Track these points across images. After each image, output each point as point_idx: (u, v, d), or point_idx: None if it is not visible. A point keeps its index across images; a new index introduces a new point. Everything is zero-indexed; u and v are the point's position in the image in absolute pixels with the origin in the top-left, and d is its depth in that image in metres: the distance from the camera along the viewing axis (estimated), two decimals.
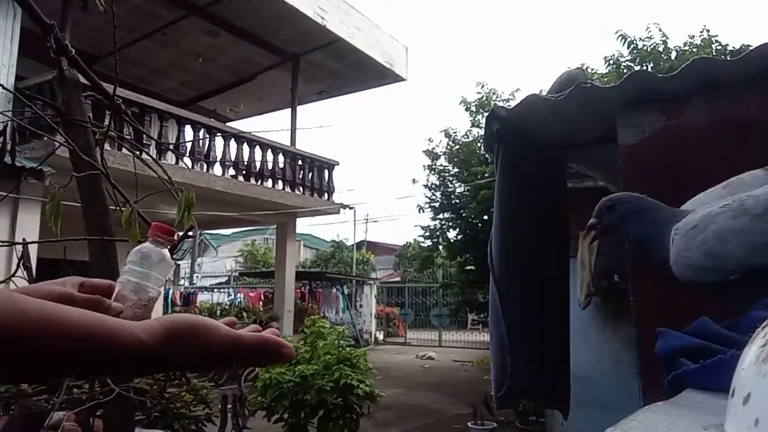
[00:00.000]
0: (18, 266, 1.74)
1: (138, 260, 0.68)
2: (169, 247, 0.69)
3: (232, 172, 9.02)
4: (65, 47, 1.36)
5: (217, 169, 8.81)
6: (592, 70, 8.68)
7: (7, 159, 1.86)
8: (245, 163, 9.19)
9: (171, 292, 14.02)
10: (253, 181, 9.32)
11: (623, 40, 8.38)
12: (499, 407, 3.01)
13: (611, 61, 8.62)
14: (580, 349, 3.49)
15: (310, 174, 10.57)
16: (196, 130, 8.67)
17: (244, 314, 10.15)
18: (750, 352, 0.46)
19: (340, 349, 4.73)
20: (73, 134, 1.48)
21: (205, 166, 8.56)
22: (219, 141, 8.93)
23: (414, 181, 11.21)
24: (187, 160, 8.31)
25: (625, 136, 2.43)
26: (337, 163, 11.16)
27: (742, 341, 0.51)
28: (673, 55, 8.14)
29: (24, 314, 0.41)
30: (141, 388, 3.37)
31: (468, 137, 10.43)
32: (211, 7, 8.80)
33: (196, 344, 0.49)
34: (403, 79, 11.36)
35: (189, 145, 8.50)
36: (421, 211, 10.98)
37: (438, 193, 10.61)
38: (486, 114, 3.27)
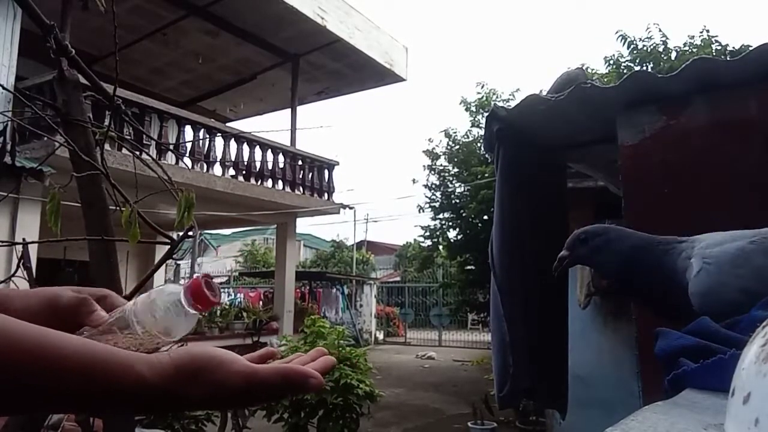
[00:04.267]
0: (18, 266, 1.74)
1: (149, 298, 0.56)
2: (196, 313, 0.56)
3: (232, 172, 9.02)
4: (65, 47, 1.36)
5: (217, 169, 8.81)
6: (592, 70, 8.68)
7: (7, 159, 1.87)
8: (245, 163, 9.19)
9: None
10: (253, 181, 9.32)
11: (623, 41, 8.39)
12: (502, 407, 3.02)
13: (611, 62, 8.63)
14: (580, 349, 3.49)
15: (310, 174, 10.57)
16: (196, 131, 8.67)
17: (244, 314, 10.13)
18: (750, 351, 0.46)
19: (340, 348, 4.73)
20: (73, 134, 1.47)
21: (205, 166, 8.56)
22: (219, 141, 8.94)
23: (414, 181, 11.24)
24: (187, 160, 8.32)
25: (625, 136, 2.43)
26: (337, 163, 11.17)
27: (742, 341, 0.51)
28: (673, 55, 8.15)
29: (13, 343, 0.37)
30: None
31: (468, 137, 10.44)
32: (211, 7, 8.80)
33: (209, 381, 0.44)
34: (403, 80, 11.36)
35: (189, 146, 8.50)
36: (421, 211, 10.99)
37: (438, 193, 10.62)
38: (486, 114, 3.27)
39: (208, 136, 8.71)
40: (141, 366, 0.41)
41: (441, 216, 10.63)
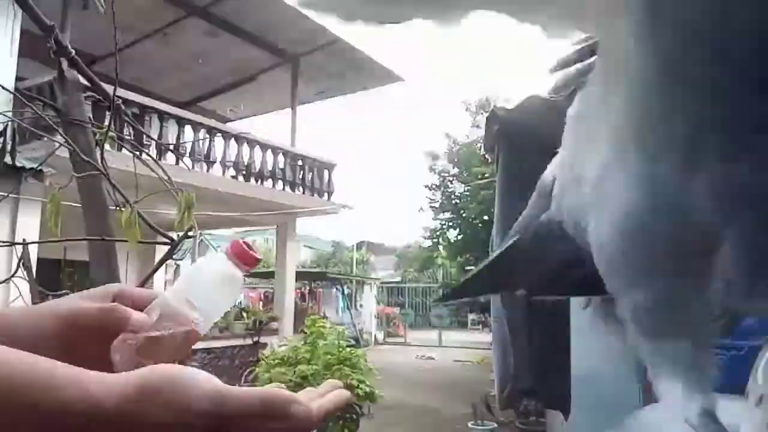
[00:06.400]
0: (18, 266, 1.74)
1: (189, 274, 0.53)
2: (244, 273, 0.54)
3: (232, 172, 9.02)
4: (65, 48, 1.36)
5: (218, 170, 8.81)
6: None
7: (8, 159, 1.87)
8: (245, 163, 9.20)
9: None
10: (253, 181, 9.32)
11: None
12: (503, 408, 3.02)
13: None
14: (580, 349, 3.49)
15: (310, 174, 10.57)
16: (196, 131, 8.67)
17: (244, 314, 10.13)
18: (765, 357, 0.46)
19: (340, 349, 4.73)
20: (73, 135, 1.47)
21: (205, 166, 8.56)
22: (219, 141, 8.94)
23: (414, 181, 11.24)
24: (188, 161, 8.32)
25: None
26: (337, 164, 11.18)
27: (741, 344, 0.51)
28: None
29: None
30: None
31: (468, 138, 10.45)
32: (211, 8, 8.81)
33: (172, 401, 0.38)
34: (402, 80, 11.36)
35: (189, 146, 8.50)
36: (421, 211, 11.01)
37: (438, 194, 10.64)
38: (486, 114, 3.27)
39: (208, 136, 8.71)
40: (93, 384, 0.37)
41: (441, 216, 10.65)
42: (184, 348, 0.52)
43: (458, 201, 10.27)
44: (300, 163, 10.39)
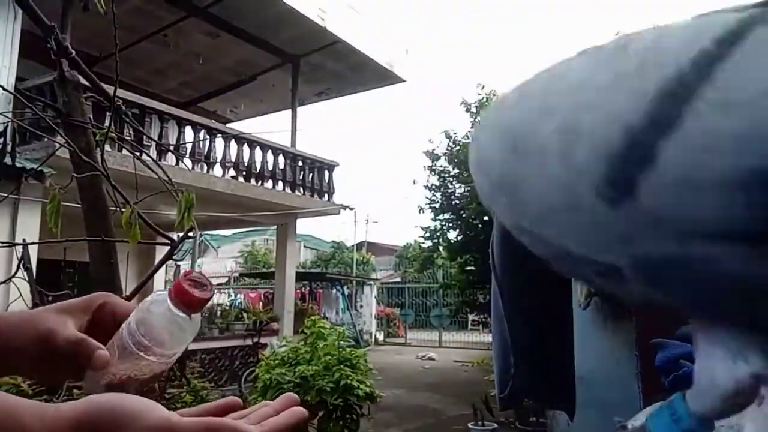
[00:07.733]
0: (18, 267, 1.74)
1: (139, 315, 0.49)
2: (196, 316, 0.50)
3: (232, 173, 9.02)
4: (66, 48, 1.36)
5: (218, 170, 8.81)
6: None
7: (8, 160, 1.87)
8: (246, 164, 9.20)
9: None
10: (253, 182, 9.32)
11: None
12: (503, 408, 3.01)
13: None
14: (580, 349, 3.48)
15: (311, 175, 10.57)
16: (196, 131, 8.67)
17: (245, 315, 10.13)
18: None
19: (341, 349, 4.73)
20: (73, 135, 1.48)
21: (205, 167, 8.56)
22: (219, 142, 8.94)
23: (414, 182, 11.25)
24: (188, 161, 8.32)
25: None
26: (338, 164, 11.17)
27: None
28: None
29: None
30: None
31: (468, 138, 10.44)
32: (212, 9, 8.81)
33: None
34: (403, 81, 11.36)
35: (189, 146, 8.50)
36: (421, 212, 11.00)
37: (438, 194, 10.63)
38: None
39: (208, 137, 8.72)
40: (31, 416, 0.36)
41: (441, 217, 10.64)
42: (150, 382, 0.50)
43: (458, 201, 10.26)
44: (300, 163, 10.39)
